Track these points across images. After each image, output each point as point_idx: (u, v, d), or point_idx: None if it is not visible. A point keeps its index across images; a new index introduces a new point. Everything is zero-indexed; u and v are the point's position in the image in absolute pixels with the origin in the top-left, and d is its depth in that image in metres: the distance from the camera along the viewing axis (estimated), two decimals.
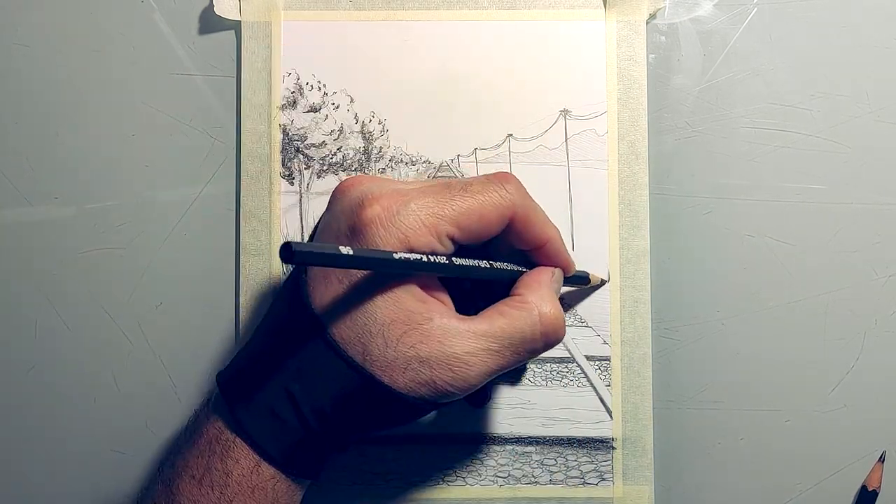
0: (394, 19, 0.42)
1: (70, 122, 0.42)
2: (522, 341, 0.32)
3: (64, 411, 0.42)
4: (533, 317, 0.33)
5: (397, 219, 0.31)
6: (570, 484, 0.41)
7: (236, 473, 0.32)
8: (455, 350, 0.31)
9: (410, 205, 0.31)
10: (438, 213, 0.31)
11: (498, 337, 0.32)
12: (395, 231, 0.30)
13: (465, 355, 0.31)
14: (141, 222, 0.42)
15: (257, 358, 0.33)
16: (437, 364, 0.31)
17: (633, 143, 0.41)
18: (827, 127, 0.42)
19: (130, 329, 0.42)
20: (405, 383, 0.31)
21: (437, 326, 0.31)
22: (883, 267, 0.42)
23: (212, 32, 0.42)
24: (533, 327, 0.32)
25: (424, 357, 0.31)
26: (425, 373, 0.31)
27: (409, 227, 0.31)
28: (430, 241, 0.31)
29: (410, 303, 0.31)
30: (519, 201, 0.33)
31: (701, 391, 0.42)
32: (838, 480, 0.41)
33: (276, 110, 0.42)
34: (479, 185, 0.32)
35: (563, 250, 0.36)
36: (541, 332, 0.33)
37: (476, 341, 0.32)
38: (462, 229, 0.32)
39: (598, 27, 0.42)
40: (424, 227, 0.31)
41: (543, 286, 0.34)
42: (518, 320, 0.32)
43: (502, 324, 0.32)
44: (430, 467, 0.41)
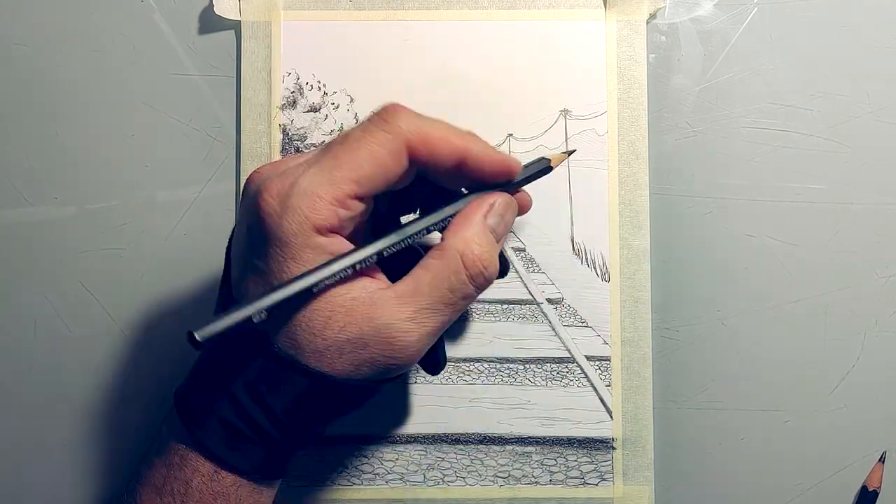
0: (394, 19, 0.42)
1: (70, 122, 0.42)
2: (452, 290, 0.30)
3: (64, 411, 0.42)
4: (455, 262, 0.30)
5: (290, 204, 0.29)
6: (570, 484, 0.41)
7: (196, 482, 0.31)
8: (385, 320, 0.29)
9: (299, 183, 0.29)
10: (329, 180, 0.29)
11: (426, 294, 0.30)
12: (292, 217, 0.29)
13: (398, 323, 0.30)
14: (141, 222, 0.42)
15: (206, 370, 0.32)
16: (372, 341, 0.30)
17: (633, 143, 0.41)
18: (827, 127, 0.42)
19: (130, 329, 0.42)
20: (345, 368, 0.30)
21: (362, 302, 0.29)
22: (883, 267, 0.42)
23: (212, 32, 0.42)
24: (458, 273, 0.30)
25: (356, 337, 0.29)
26: (362, 353, 0.30)
27: (306, 209, 0.29)
28: (331, 212, 0.29)
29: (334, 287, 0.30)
30: (408, 127, 0.30)
31: (701, 391, 0.42)
32: (838, 480, 0.41)
33: (276, 110, 0.42)
34: (360, 131, 0.30)
35: (492, 154, 0.32)
36: (467, 276, 0.30)
37: (405, 305, 0.30)
38: (360, 184, 0.29)
39: (598, 27, 0.42)
40: (322, 200, 0.29)
41: (469, 222, 0.31)
42: (442, 270, 0.30)
43: (427, 279, 0.30)
44: (430, 467, 0.41)
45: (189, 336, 0.27)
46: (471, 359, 0.41)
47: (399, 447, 0.41)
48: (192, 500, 0.31)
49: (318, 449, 0.41)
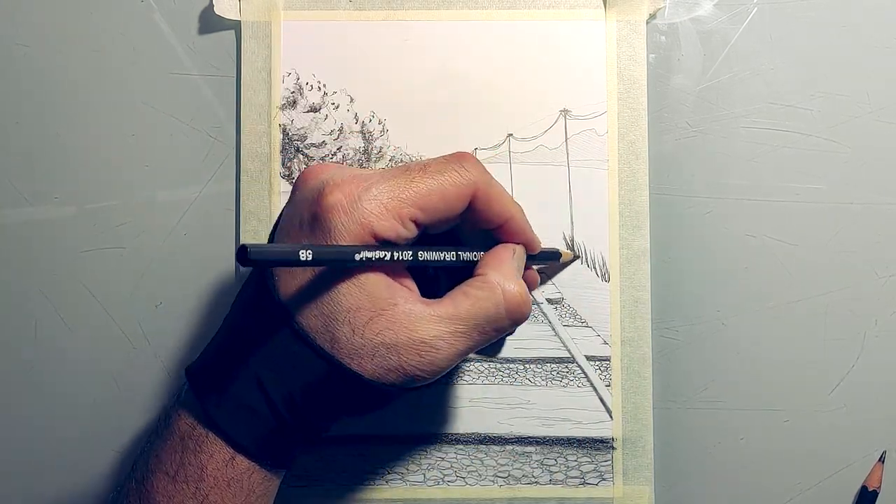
0: (394, 19, 0.42)
1: (70, 122, 0.42)
2: (488, 321, 0.32)
3: (64, 411, 0.42)
4: (497, 295, 0.32)
5: (359, 205, 0.30)
6: (570, 484, 0.41)
7: (211, 467, 0.31)
8: (422, 335, 0.31)
9: (371, 190, 0.31)
10: (400, 197, 0.31)
11: (463, 319, 0.32)
12: (357, 217, 0.30)
13: (433, 339, 0.31)
14: (141, 222, 0.42)
15: (226, 350, 0.33)
16: (404, 350, 0.31)
17: (633, 143, 0.41)
18: (827, 127, 0.42)
19: (130, 329, 0.42)
20: (373, 370, 0.31)
21: (403, 312, 0.31)
22: (883, 267, 0.42)
23: (212, 32, 0.42)
24: (497, 306, 0.32)
25: (391, 343, 0.31)
26: (393, 359, 0.31)
27: (372, 213, 0.30)
28: (393, 225, 0.31)
29: (376, 289, 0.31)
30: (479, 178, 0.33)
31: (701, 391, 0.42)
32: (838, 480, 0.41)
33: (276, 110, 0.42)
34: (438, 166, 0.32)
35: (527, 226, 0.36)
36: (506, 310, 0.33)
37: (442, 325, 0.31)
38: (425, 211, 0.32)
39: (598, 27, 0.42)
40: (387, 211, 0.31)
41: (505, 263, 0.34)
42: (482, 300, 0.32)
43: (467, 305, 0.32)
44: (430, 467, 0.41)
45: (240, 251, 0.27)
46: (471, 359, 0.41)
47: (399, 447, 0.41)
48: (206, 486, 0.31)
49: (318, 449, 0.41)
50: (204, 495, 0.31)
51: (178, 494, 0.31)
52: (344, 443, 0.41)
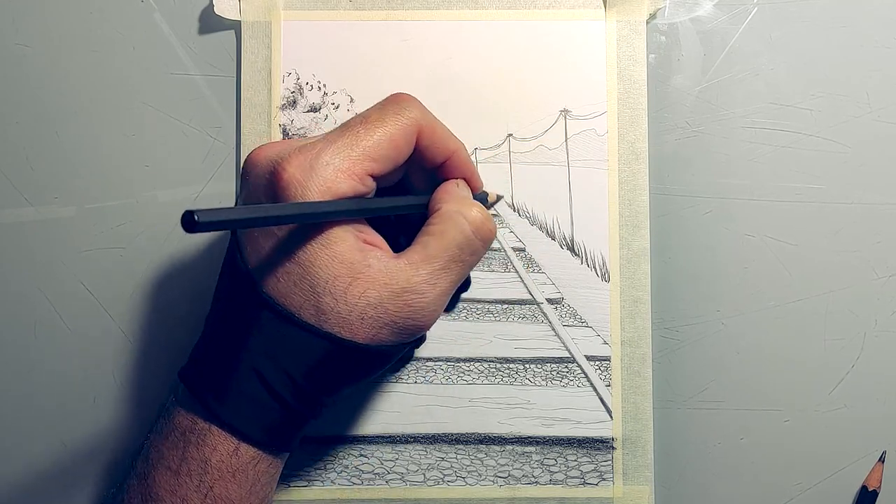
0: (394, 19, 0.42)
1: (70, 122, 0.42)
2: (461, 249, 0.32)
3: (64, 411, 0.42)
4: (460, 222, 0.33)
5: (314, 174, 0.30)
6: (570, 484, 0.41)
7: (215, 460, 0.31)
8: (403, 284, 0.31)
9: (322, 156, 0.31)
10: (351, 155, 0.31)
11: (437, 256, 0.32)
12: (315, 186, 0.30)
13: (415, 285, 0.31)
14: (141, 222, 0.42)
15: (216, 349, 0.33)
16: (391, 304, 0.31)
17: (633, 143, 0.41)
18: (827, 127, 0.42)
19: (130, 329, 0.42)
20: (366, 333, 0.31)
21: (379, 269, 0.31)
22: (883, 267, 0.42)
23: (212, 32, 0.42)
24: (463, 232, 0.33)
25: (376, 302, 0.31)
26: (383, 316, 0.31)
27: (328, 178, 0.31)
28: (352, 185, 0.31)
29: (348, 254, 0.31)
30: (420, 116, 0.33)
31: (701, 391, 0.42)
32: (838, 480, 0.41)
33: (276, 110, 0.42)
34: (378, 114, 0.32)
35: (470, 162, 0.36)
36: (473, 232, 0.33)
37: (419, 268, 0.32)
38: (378, 161, 0.32)
39: (598, 27, 0.42)
40: (342, 172, 0.31)
41: (454, 194, 0.34)
42: (448, 232, 0.32)
43: (435, 243, 0.32)
44: (430, 467, 0.41)
45: (185, 217, 0.26)
46: (471, 359, 0.41)
47: (399, 447, 0.41)
48: (210, 479, 0.31)
49: (318, 449, 0.41)
50: (208, 487, 0.31)
51: (182, 488, 0.31)
52: (344, 443, 0.41)
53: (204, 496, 0.31)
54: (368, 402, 0.41)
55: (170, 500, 0.31)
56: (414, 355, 0.41)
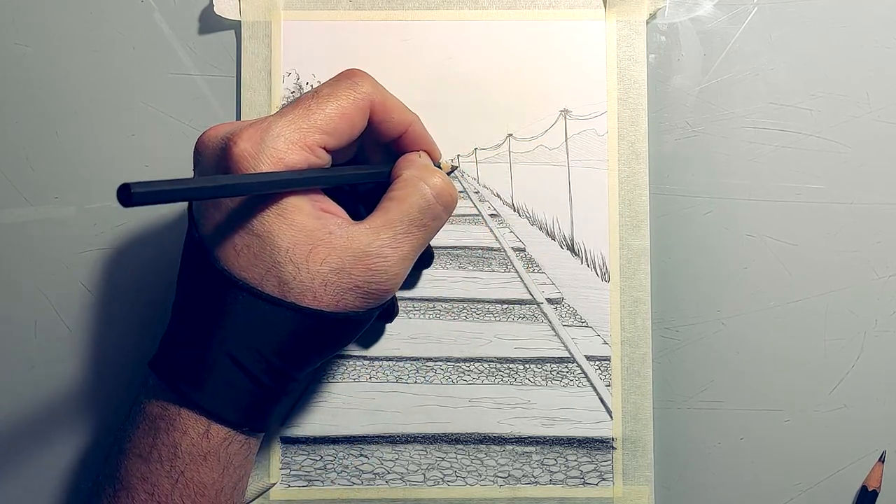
0: (394, 19, 0.42)
1: (70, 122, 0.42)
2: (422, 213, 0.33)
3: (64, 411, 0.42)
4: (421, 188, 0.33)
5: (265, 146, 0.30)
6: (570, 484, 0.41)
7: (185, 444, 0.31)
8: (364, 248, 0.31)
9: (273, 129, 0.31)
10: (302, 127, 0.31)
11: (398, 220, 0.32)
12: (267, 158, 0.30)
13: (378, 249, 0.31)
14: (141, 222, 0.42)
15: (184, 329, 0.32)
16: (353, 268, 0.31)
17: (633, 143, 0.41)
18: (827, 127, 0.42)
19: (130, 329, 0.42)
20: (331, 300, 0.31)
21: (339, 235, 0.31)
22: (883, 267, 0.42)
23: (212, 32, 0.42)
24: (424, 197, 0.33)
25: (338, 267, 0.31)
26: (346, 281, 0.31)
27: (279, 150, 0.30)
28: (304, 156, 0.31)
29: (306, 221, 0.31)
30: (372, 90, 0.33)
31: (701, 391, 0.42)
32: (838, 480, 0.41)
33: (276, 110, 0.42)
34: (330, 88, 0.33)
35: (427, 134, 0.36)
36: (435, 198, 0.33)
37: (381, 232, 0.32)
38: (331, 134, 0.32)
39: (598, 27, 0.42)
40: (293, 144, 0.31)
41: (415, 163, 0.34)
42: (409, 197, 0.33)
43: (397, 208, 0.32)
44: (430, 467, 0.41)
45: (121, 190, 0.25)
46: (471, 359, 0.41)
47: (399, 447, 0.41)
48: (181, 463, 0.31)
49: (318, 449, 0.41)
50: (179, 472, 0.31)
51: (153, 475, 0.31)
52: (344, 443, 0.41)
53: (175, 481, 0.31)
54: (368, 402, 0.41)
55: (141, 487, 0.31)
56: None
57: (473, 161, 0.42)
